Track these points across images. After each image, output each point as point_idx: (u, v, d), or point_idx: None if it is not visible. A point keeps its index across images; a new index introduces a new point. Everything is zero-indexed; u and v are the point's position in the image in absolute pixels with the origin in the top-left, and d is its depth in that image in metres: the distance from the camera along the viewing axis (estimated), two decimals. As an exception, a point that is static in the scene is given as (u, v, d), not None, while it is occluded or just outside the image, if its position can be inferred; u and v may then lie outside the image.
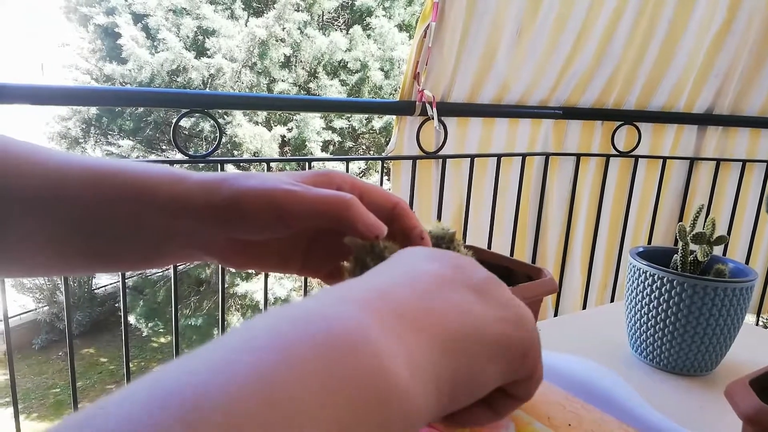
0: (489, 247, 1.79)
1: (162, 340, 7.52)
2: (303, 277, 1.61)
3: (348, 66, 7.13)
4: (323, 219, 0.33)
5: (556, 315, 1.96)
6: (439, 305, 0.25)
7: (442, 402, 0.23)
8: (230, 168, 6.40)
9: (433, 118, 1.54)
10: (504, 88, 1.70)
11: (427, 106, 1.54)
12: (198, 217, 0.34)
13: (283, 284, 6.41)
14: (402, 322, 0.23)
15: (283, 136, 6.94)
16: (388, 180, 1.73)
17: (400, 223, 0.38)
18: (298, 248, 0.40)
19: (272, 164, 1.72)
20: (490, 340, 0.26)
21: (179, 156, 1.39)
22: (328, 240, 0.39)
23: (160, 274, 6.94)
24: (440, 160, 1.67)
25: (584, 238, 1.96)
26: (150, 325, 7.02)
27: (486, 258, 0.64)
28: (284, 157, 7.45)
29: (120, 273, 1.32)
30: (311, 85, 7.18)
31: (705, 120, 1.95)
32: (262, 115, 6.98)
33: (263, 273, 1.50)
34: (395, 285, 0.25)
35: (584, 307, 1.97)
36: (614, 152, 1.88)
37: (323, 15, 7.57)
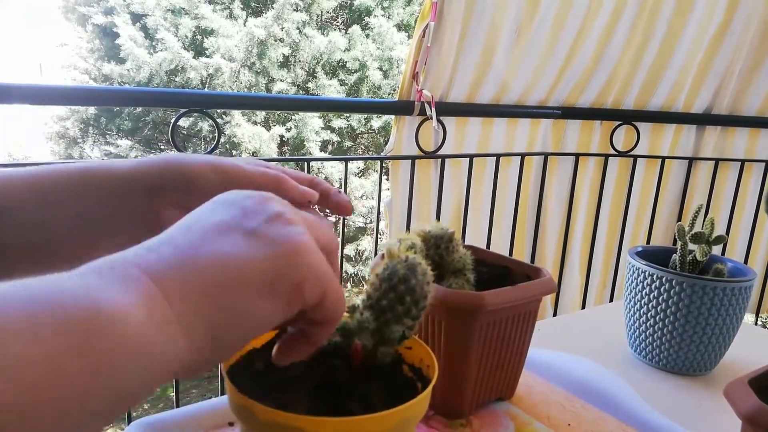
0: (488, 246, 1.79)
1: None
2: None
3: (347, 66, 7.13)
4: (262, 189, 0.38)
5: (555, 315, 1.96)
6: (202, 255, 0.27)
7: (197, 343, 0.26)
8: (229, 168, 6.37)
9: (431, 118, 1.54)
10: (503, 88, 1.70)
11: (426, 105, 1.54)
12: (148, 188, 0.40)
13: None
14: (158, 276, 0.25)
15: (281, 136, 6.93)
16: (387, 180, 1.73)
17: (319, 190, 0.46)
18: None
19: (271, 164, 1.71)
20: (256, 279, 0.27)
21: (178, 156, 1.38)
22: None
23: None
24: (439, 160, 1.67)
25: (583, 238, 1.96)
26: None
27: (485, 258, 0.64)
28: (283, 157, 7.45)
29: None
30: (310, 84, 7.17)
31: (704, 120, 1.95)
32: (260, 114, 6.97)
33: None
34: (170, 238, 0.28)
35: (583, 307, 1.97)
36: (613, 152, 1.89)
37: (322, 15, 7.57)
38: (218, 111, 5.85)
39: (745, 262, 2.02)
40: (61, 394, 0.20)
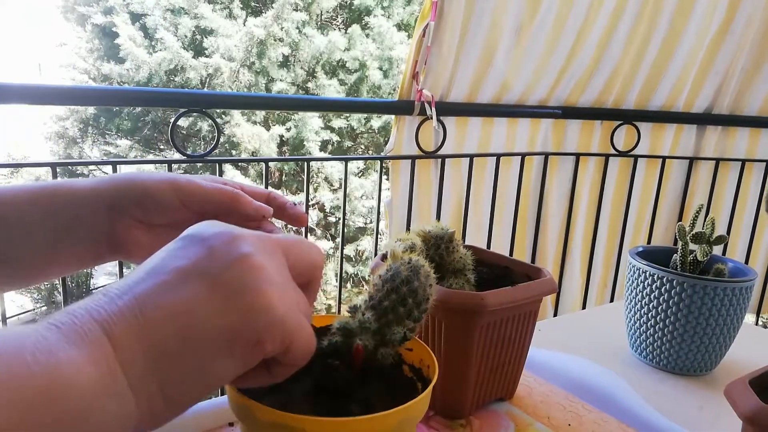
0: (488, 246, 1.79)
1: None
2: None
3: (346, 65, 7.13)
4: (219, 206, 0.42)
5: (555, 315, 1.96)
6: (159, 308, 0.26)
7: (148, 402, 0.25)
8: (228, 167, 6.39)
9: (432, 118, 1.54)
10: (503, 88, 1.70)
11: (426, 105, 1.54)
12: (107, 206, 0.41)
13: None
14: (114, 331, 0.25)
15: (281, 136, 6.93)
16: (387, 179, 1.73)
17: (275, 204, 0.47)
18: None
19: (270, 164, 1.71)
20: (212, 336, 0.27)
21: (177, 156, 1.39)
22: None
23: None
24: (439, 160, 1.67)
25: (584, 238, 1.96)
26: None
27: (485, 258, 0.64)
28: (282, 157, 7.45)
29: (118, 272, 1.32)
30: (310, 84, 7.17)
31: (704, 120, 1.95)
32: (260, 114, 6.97)
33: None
34: (132, 286, 0.27)
35: (584, 307, 1.97)
36: (613, 152, 1.88)
37: (322, 14, 7.57)
38: (218, 111, 5.85)
39: (746, 262, 2.02)
40: None
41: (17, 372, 0.21)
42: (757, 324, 2.77)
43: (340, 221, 1.94)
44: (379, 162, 1.68)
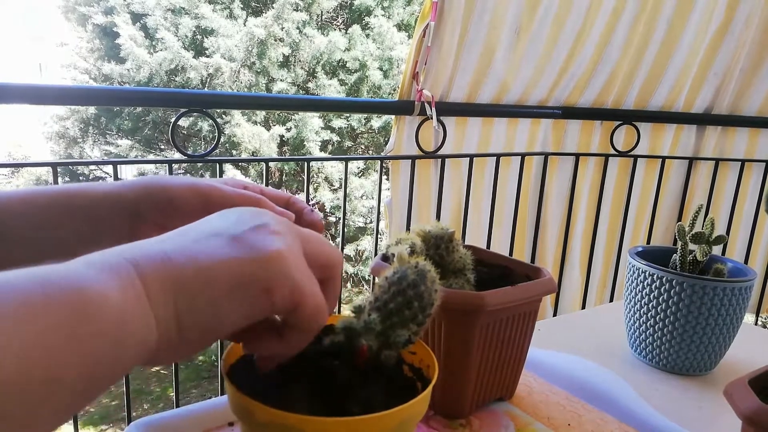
0: (488, 246, 1.79)
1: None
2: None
3: (347, 65, 7.12)
4: None
5: (555, 315, 1.96)
6: (183, 253, 0.29)
7: (166, 332, 0.28)
8: (229, 167, 6.39)
9: (432, 118, 1.54)
10: (503, 88, 1.70)
11: (426, 105, 1.54)
12: (129, 210, 0.42)
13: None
14: (140, 267, 0.28)
15: (281, 136, 6.93)
16: (387, 179, 1.73)
17: (294, 210, 0.48)
18: None
19: (271, 164, 1.72)
20: (226, 279, 0.29)
21: (178, 155, 1.39)
22: None
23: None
24: (439, 160, 1.67)
25: (583, 238, 1.96)
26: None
27: (485, 258, 0.64)
28: (283, 157, 7.46)
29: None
30: (310, 84, 7.17)
31: (704, 120, 1.95)
32: (260, 114, 6.97)
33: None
34: (162, 239, 0.30)
35: (583, 307, 1.97)
36: (613, 152, 1.89)
37: (322, 14, 7.57)
38: (218, 111, 5.86)
39: (745, 262, 2.02)
40: (47, 370, 0.22)
41: (53, 294, 0.23)
42: (756, 324, 2.77)
43: (340, 221, 1.94)
44: (379, 162, 1.68)
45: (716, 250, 0.77)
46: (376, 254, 1.67)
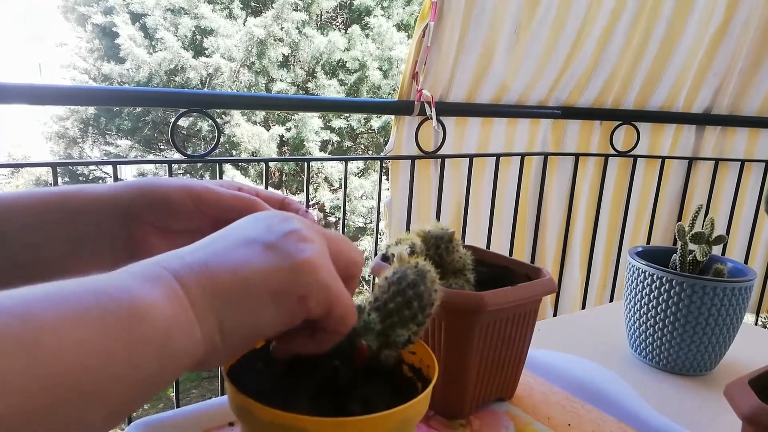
0: (488, 246, 1.79)
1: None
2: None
3: (346, 65, 7.13)
4: (235, 213, 0.41)
5: (555, 315, 1.96)
6: (220, 262, 0.30)
7: (209, 340, 0.29)
8: (228, 168, 6.39)
9: (431, 118, 1.54)
10: (503, 88, 1.70)
11: (426, 105, 1.54)
12: (124, 212, 0.42)
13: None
14: (181, 278, 0.28)
15: (281, 136, 6.93)
16: (387, 180, 1.73)
17: (290, 211, 0.47)
18: None
19: (271, 164, 1.72)
20: (262, 288, 0.30)
21: (177, 156, 1.39)
22: None
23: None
24: (439, 160, 1.67)
25: (583, 238, 1.96)
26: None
27: (485, 258, 0.64)
28: (282, 157, 7.46)
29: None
30: (310, 84, 7.17)
31: (703, 120, 1.95)
32: (260, 114, 6.97)
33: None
34: (198, 248, 0.31)
35: (583, 307, 1.97)
36: (613, 152, 1.89)
37: (321, 14, 7.57)
38: (218, 111, 5.85)
39: (745, 262, 2.02)
40: (100, 380, 0.23)
41: (107, 305, 0.24)
42: (756, 324, 2.77)
43: (340, 221, 1.94)
44: (378, 162, 1.68)
45: (716, 250, 0.77)
46: (375, 254, 1.67)
